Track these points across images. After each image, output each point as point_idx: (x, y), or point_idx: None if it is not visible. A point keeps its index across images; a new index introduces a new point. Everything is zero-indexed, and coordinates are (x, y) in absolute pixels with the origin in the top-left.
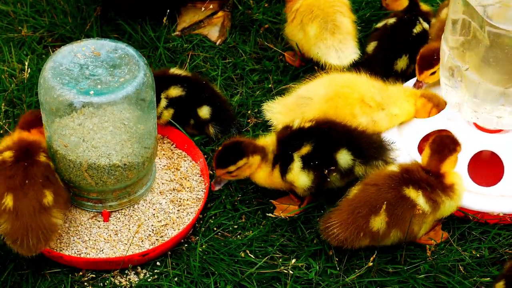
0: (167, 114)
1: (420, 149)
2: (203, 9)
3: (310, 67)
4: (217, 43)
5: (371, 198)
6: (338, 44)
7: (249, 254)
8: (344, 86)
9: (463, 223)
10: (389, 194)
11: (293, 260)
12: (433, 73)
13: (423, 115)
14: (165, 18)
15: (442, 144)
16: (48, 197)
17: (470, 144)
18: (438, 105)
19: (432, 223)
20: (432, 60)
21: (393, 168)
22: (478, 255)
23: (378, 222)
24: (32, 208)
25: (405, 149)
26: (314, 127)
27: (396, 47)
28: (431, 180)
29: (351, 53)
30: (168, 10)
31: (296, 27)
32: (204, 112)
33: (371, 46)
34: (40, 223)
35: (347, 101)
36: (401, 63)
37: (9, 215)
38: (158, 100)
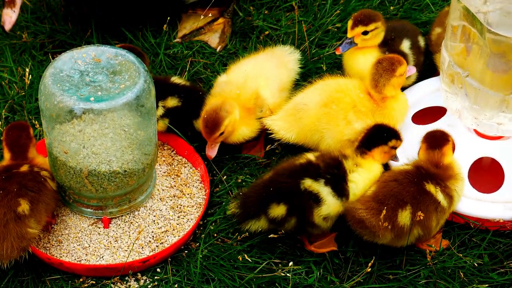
0: (162, 124)
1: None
2: (202, 17)
3: (305, 73)
4: (217, 49)
5: (395, 192)
6: None
7: (249, 260)
8: (337, 91)
9: (464, 229)
10: (412, 188)
11: (290, 263)
12: (365, 32)
13: (403, 78)
14: (165, 26)
15: (436, 138)
16: (23, 206)
17: (471, 150)
18: (400, 61)
19: (446, 219)
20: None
21: (405, 166)
22: (478, 262)
23: (405, 216)
24: (3, 216)
25: (404, 155)
26: None
27: None
28: (440, 173)
29: None
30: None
31: None
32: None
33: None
34: (13, 232)
35: (340, 105)
36: None
37: None
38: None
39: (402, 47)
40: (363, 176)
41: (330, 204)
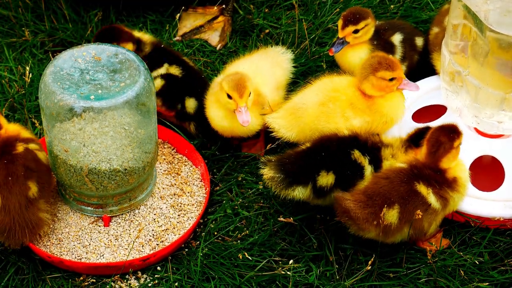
0: (156, 84)
1: None
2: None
3: (305, 71)
4: (217, 47)
5: (384, 190)
6: None
7: (249, 258)
8: (333, 90)
9: (464, 228)
10: (402, 188)
11: (291, 261)
12: (356, 31)
13: (389, 86)
14: (177, 16)
15: (437, 143)
16: (33, 189)
17: (471, 149)
18: (390, 65)
19: (441, 220)
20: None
21: (401, 164)
22: (478, 260)
23: (391, 215)
24: (18, 203)
25: None
26: None
27: None
28: (438, 176)
29: None
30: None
31: None
32: (190, 104)
33: None
34: (27, 218)
35: (336, 103)
36: None
37: None
38: (159, 63)
39: (393, 39)
40: None
41: None
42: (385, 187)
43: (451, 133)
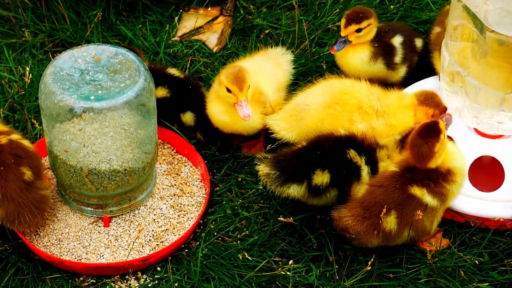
0: None
1: None
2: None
3: (305, 72)
4: (214, 50)
5: (380, 199)
6: None
7: (249, 258)
8: (342, 92)
9: (464, 228)
10: (396, 195)
11: (291, 262)
12: (359, 30)
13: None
14: (178, 16)
15: (421, 157)
16: (27, 173)
17: (471, 149)
18: (438, 105)
19: (443, 214)
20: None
21: (393, 168)
22: (478, 260)
23: (390, 222)
24: (18, 188)
25: None
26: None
27: None
28: (431, 174)
29: None
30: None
31: None
32: (188, 118)
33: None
34: (31, 198)
35: (345, 107)
36: None
37: (1, 202)
38: None
39: (393, 41)
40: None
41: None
42: (380, 196)
43: (429, 140)
